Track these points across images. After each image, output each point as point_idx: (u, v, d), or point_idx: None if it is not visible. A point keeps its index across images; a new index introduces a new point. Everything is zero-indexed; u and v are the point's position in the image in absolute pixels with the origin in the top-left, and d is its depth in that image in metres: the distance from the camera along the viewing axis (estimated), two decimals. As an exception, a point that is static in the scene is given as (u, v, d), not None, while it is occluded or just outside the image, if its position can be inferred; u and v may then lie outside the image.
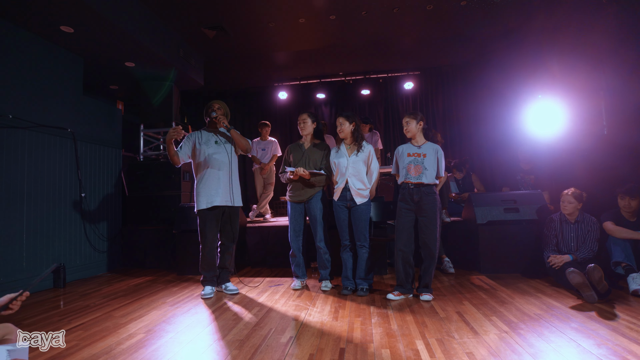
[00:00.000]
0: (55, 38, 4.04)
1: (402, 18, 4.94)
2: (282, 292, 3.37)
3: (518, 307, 2.69)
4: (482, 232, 3.87)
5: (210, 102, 3.46)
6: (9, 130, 3.57)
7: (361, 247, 3.26)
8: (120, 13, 3.95)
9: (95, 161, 4.68)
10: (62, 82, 4.25)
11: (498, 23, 5.15)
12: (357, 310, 2.77)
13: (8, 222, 3.54)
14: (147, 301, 3.24)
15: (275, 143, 5.74)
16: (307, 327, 2.45)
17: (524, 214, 3.83)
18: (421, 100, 7.44)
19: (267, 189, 5.70)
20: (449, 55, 6.57)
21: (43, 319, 2.80)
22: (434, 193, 3.05)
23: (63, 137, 4.18)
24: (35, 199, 3.83)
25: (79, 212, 4.38)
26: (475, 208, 3.89)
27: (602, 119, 4.02)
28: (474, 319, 2.47)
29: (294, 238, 3.52)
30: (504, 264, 3.82)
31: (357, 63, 6.85)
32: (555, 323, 2.34)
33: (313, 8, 4.61)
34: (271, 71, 7.03)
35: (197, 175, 3.36)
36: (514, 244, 3.82)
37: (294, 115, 7.88)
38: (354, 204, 3.24)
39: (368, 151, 3.27)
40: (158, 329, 2.51)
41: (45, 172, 3.96)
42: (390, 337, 2.21)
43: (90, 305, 3.17)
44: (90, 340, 2.33)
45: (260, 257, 4.69)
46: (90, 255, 4.50)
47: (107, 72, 5.18)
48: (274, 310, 2.85)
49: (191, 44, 5.47)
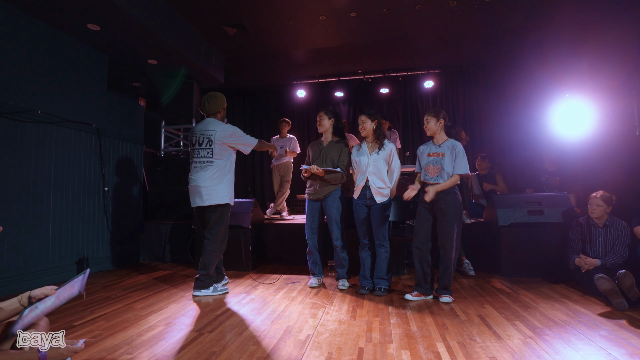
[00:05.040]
0: (81, 36, 4.14)
1: (424, 15, 4.85)
2: (299, 290, 3.37)
3: (542, 312, 2.61)
4: (504, 235, 3.76)
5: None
6: (38, 125, 3.68)
7: (380, 246, 3.22)
8: (145, 11, 4.02)
9: (117, 156, 4.79)
10: (88, 78, 4.35)
11: (524, 19, 5.00)
12: (375, 310, 2.74)
13: (36, 215, 3.66)
14: (166, 294, 3.29)
15: (294, 140, 5.74)
16: (324, 325, 2.43)
17: (549, 216, 3.71)
18: (441, 99, 7.31)
19: (284, 187, 5.71)
20: (471, 53, 6.42)
21: (68, 309, 2.87)
22: (453, 193, 2.96)
23: (88, 132, 4.29)
24: (60, 193, 3.94)
25: (102, 206, 4.49)
26: (497, 209, 3.79)
27: (635, 119, 3.85)
28: (497, 323, 2.41)
29: (310, 235, 3.52)
30: (526, 267, 3.71)
31: (376, 61, 6.78)
32: (583, 330, 2.25)
33: (334, 5, 4.58)
34: (290, 69, 7.04)
35: (230, 170, 3.34)
36: (537, 248, 3.70)
37: (312, 113, 7.87)
38: (374, 203, 3.20)
39: (389, 149, 3.23)
40: (177, 322, 2.54)
41: (70, 166, 4.07)
42: (410, 339, 2.17)
43: (111, 296, 3.24)
44: (112, 331, 2.37)
45: (277, 254, 4.70)
46: (112, 248, 4.61)
47: (130, 70, 5.28)
48: (291, 307, 2.84)
49: (212, 42, 5.53)
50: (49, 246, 3.78)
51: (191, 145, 3.29)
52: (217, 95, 3.32)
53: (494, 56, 6.47)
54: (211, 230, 3.24)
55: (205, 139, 3.19)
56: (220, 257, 3.33)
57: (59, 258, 3.87)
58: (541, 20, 4.96)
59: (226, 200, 3.23)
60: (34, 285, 1.79)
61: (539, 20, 4.96)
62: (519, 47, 5.88)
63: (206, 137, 3.19)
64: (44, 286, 1.69)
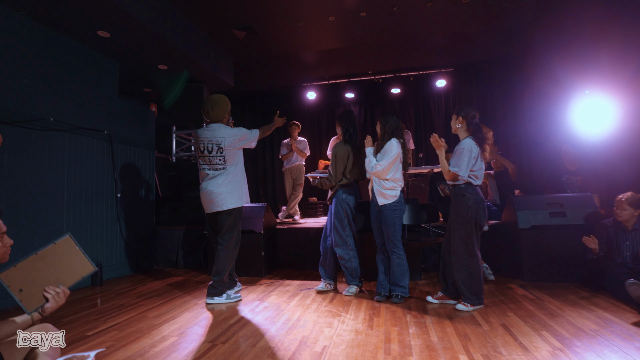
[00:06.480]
0: (92, 43, 4.15)
1: (436, 12, 4.74)
2: (313, 297, 3.29)
3: (570, 321, 2.48)
4: (525, 238, 3.63)
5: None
6: (50, 133, 3.69)
7: (392, 252, 3.12)
8: (155, 17, 4.01)
9: (129, 162, 4.79)
10: (99, 85, 4.36)
11: (540, 13, 4.85)
12: (392, 319, 2.64)
13: (50, 222, 3.66)
14: (179, 302, 3.25)
15: (304, 142, 5.68)
16: (341, 336, 2.35)
17: (572, 218, 3.56)
18: (454, 98, 7.17)
19: (297, 190, 5.65)
20: (484, 50, 6.28)
21: (81, 317, 2.85)
22: (461, 195, 2.81)
23: (100, 139, 4.29)
24: (74, 199, 3.95)
25: (115, 212, 4.49)
26: (517, 211, 3.66)
27: (661, 115, 3.67)
28: (522, 333, 2.29)
29: (323, 238, 3.52)
30: (549, 272, 3.57)
31: (387, 61, 6.68)
32: (616, 341, 2.12)
33: (343, 5, 4.51)
34: (299, 71, 6.99)
35: (242, 172, 3.31)
36: (560, 251, 3.55)
37: (323, 115, 7.81)
38: (379, 205, 3.13)
39: (385, 149, 3.12)
40: (190, 332, 2.49)
41: (83, 172, 4.07)
42: (431, 351, 2.08)
43: (125, 304, 3.22)
44: (125, 342, 2.33)
45: (290, 259, 4.64)
46: (125, 254, 4.60)
47: (141, 75, 5.29)
48: (305, 316, 2.77)
49: (221, 46, 5.51)
50: (62, 254, 3.78)
51: (199, 152, 3.22)
52: (220, 101, 3.23)
53: (508, 53, 6.31)
54: (224, 236, 3.19)
55: (214, 146, 3.14)
56: (232, 262, 3.28)
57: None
58: (559, 13, 4.80)
59: (241, 203, 3.21)
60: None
61: (557, 13, 4.80)
62: (535, 42, 5.71)
63: (215, 144, 3.14)
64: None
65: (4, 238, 1.46)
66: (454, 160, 2.81)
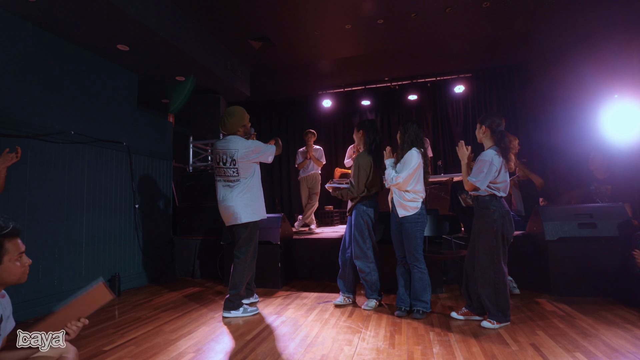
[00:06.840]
0: (112, 56, 4.22)
1: (455, 18, 4.65)
2: (332, 311, 3.21)
3: (605, 342, 2.32)
4: (553, 250, 3.46)
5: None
6: (71, 145, 3.75)
7: (413, 266, 3.01)
8: (173, 30, 4.06)
9: (147, 173, 4.83)
10: (118, 97, 4.43)
11: (562, 17, 4.69)
12: (415, 337, 2.54)
13: (69, 234, 3.71)
14: (195, 315, 3.22)
15: (320, 150, 5.63)
16: (361, 355, 2.26)
17: (603, 230, 3.38)
18: (473, 104, 7.01)
19: (312, 199, 5.60)
20: (504, 55, 6.12)
21: (98, 331, 2.85)
22: (485, 208, 2.71)
23: (118, 150, 4.34)
24: (93, 210, 3.99)
25: (133, 223, 4.52)
26: (543, 222, 3.50)
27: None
28: (554, 354, 2.16)
29: (342, 250, 3.44)
30: (579, 286, 3.39)
31: (403, 67, 6.59)
32: (660, 366, 1.97)
33: (360, 13, 4.47)
34: (315, 79, 6.97)
35: (258, 184, 3.30)
36: (590, 264, 3.37)
37: (339, 123, 7.76)
38: (399, 217, 3.03)
39: (404, 159, 3.03)
40: (207, 349, 2.44)
41: (102, 184, 4.12)
42: (457, 374, 1.97)
43: (141, 317, 3.21)
44: (142, 358, 2.30)
45: (307, 271, 4.57)
46: (142, 264, 4.63)
47: (159, 87, 5.36)
48: (324, 332, 2.69)
49: (237, 56, 5.54)
50: (82, 265, 3.82)
51: (215, 163, 3.23)
52: (236, 113, 3.22)
53: (529, 57, 6.14)
54: (241, 249, 3.16)
55: (228, 158, 3.13)
56: (250, 275, 3.25)
57: (92, 276, 3.90)
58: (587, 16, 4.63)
59: (257, 217, 3.18)
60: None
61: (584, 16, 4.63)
62: (557, 46, 5.54)
63: (229, 156, 3.13)
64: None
65: (22, 257, 1.44)
66: (474, 170, 2.73)
